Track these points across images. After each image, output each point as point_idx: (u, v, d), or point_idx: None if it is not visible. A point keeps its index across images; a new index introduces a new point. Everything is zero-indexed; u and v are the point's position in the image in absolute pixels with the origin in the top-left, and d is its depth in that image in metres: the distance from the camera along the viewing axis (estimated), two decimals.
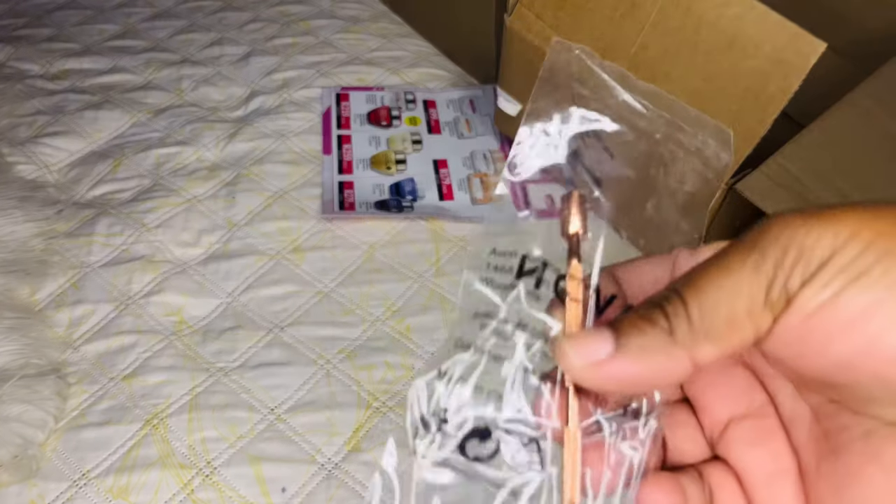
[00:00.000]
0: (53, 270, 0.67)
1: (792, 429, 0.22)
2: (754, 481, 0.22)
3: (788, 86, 0.51)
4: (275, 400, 0.58)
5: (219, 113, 0.84)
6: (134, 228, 0.71)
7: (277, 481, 0.54)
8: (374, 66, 0.89)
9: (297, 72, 0.88)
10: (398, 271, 0.68)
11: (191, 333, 0.63)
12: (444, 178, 0.77)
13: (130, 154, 0.79)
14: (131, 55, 0.92)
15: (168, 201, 0.73)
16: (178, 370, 0.60)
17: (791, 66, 0.50)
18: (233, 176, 0.76)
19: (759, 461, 0.22)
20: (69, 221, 0.71)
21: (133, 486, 0.53)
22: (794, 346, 0.19)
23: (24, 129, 0.81)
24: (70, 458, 0.55)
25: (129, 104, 0.85)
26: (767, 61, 0.52)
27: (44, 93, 0.86)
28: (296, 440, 0.56)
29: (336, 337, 0.63)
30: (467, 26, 0.86)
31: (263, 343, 0.62)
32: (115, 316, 0.64)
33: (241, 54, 0.92)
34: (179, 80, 0.89)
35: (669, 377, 0.20)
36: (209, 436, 0.56)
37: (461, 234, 0.71)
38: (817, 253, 0.19)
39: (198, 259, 0.69)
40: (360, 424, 0.57)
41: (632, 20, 0.58)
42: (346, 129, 0.82)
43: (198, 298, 0.65)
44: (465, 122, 0.83)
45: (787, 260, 0.19)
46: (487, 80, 0.88)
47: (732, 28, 0.53)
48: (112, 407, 0.58)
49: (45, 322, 0.63)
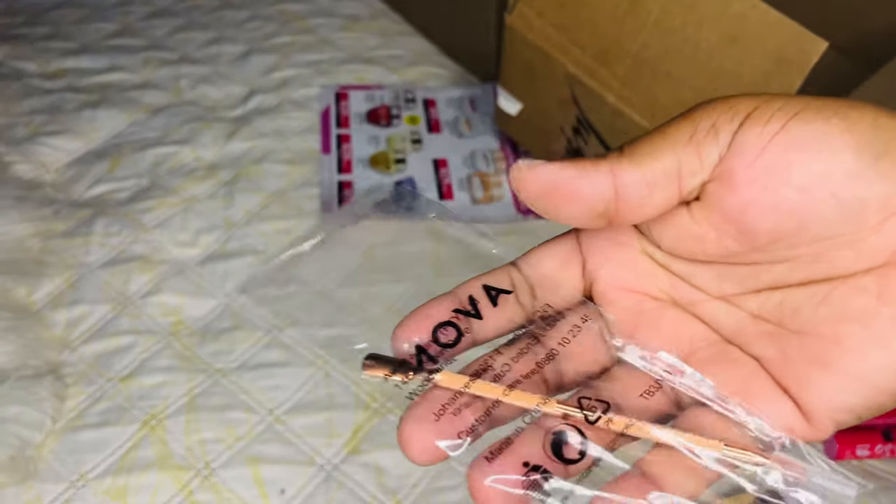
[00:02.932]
0: (50, 270, 0.67)
1: (740, 340, 0.23)
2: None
3: (790, 84, 0.50)
4: (273, 401, 0.58)
5: (217, 112, 0.84)
6: (131, 228, 0.70)
7: (276, 483, 0.54)
8: (374, 65, 0.89)
9: (296, 70, 0.88)
10: (398, 271, 0.68)
11: (189, 334, 0.62)
12: (444, 177, 0.76)
13: (128, 153, 0.78)
14: (129, 54, 0.92)
15: (166, 201, 0.73)
16: (176, 371, 0.60)
17: (792, 65, 0.50)
18: (231, 175, 0.76)
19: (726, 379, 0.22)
20: (66, 221, 0.71)
21: (131, 488, 0.53)
22: (743, 191, 0.20)
23: (20, 128, 0.81)
24: (67, 460, 0.54)
25: (127, 103, 0.85)
26: (769, 60, 0.51)
27: (41, 91, 0.86)
28: (295, 442, 0.56)
29: (335, 337, 0.62)
30: (467, 24, 0.85)
31: (262, 344, 0.62)
32: (113, 317, 0.64)
33: (240, 53, 0.91)
34: (177, 79, 0.88)
35: (591, 188, 0.21)
36: (207, 437, 0.56)
37: (461, 233, 0.71)
38: (745, 104, 0.20)
39: (196, 259, 0.68)
40: (359, 426, 0.57)
41: (634, 18, 0.57)
42: (345, 129, 0.81)
43: (196, 299, 0.65)
44: (464, 121, 0.83)
45: (720, 118, 0.20)
46: (487, 78, 0.87)
47: (734, 26, 0.52)
48: (110, 408, 0.57)
49: (42, 322, 0.63)
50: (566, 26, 0.63)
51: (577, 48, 0.62)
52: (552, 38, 0.64)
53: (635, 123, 0.59)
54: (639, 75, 0.58)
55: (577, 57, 0.62)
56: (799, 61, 0.50)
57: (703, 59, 0.55)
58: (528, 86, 0.71)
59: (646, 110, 0.58)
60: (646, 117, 0.58)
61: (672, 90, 0.57)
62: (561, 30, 0.63)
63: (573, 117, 0.66)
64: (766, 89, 0.52)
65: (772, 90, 0.51)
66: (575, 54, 0.62)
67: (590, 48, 0.61)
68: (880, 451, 0.54)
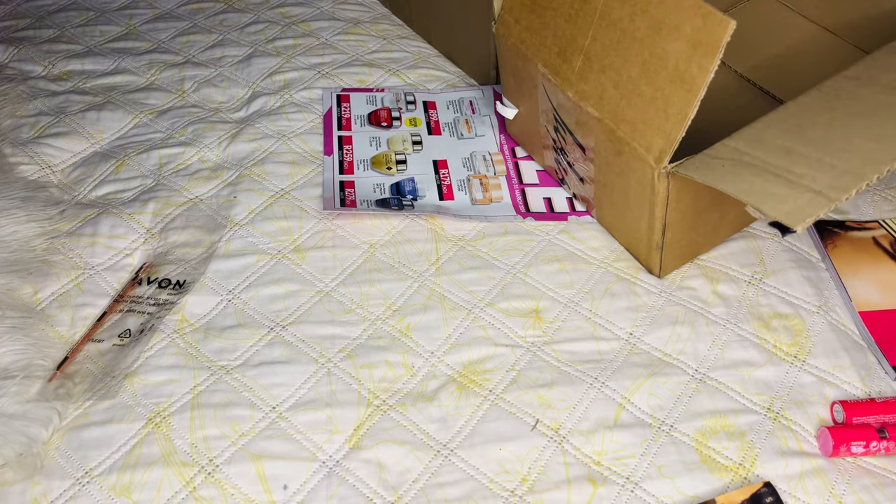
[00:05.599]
0: (56, 270, 0.67)
1: None
2: None
3: (707, 65, 0.53)
4: (276, 398, 0.59)
5: (220, 114, 0.85)
6: (135, 229, 0.71)
7: (279, 479, 0.54)
8: (375, 68, 0.90)
9: (298, 73, 0.89)
10: (398, 270, 0.68)
11: (192, 332, 0.63)
12: (445, 178, 0.77)
13: (133, 154, 0.79)
14: (133, 56, 0.93)
15: (170, 201, 0.74)
16: (180, 369, 0.61)
17: (707, 46, 0.53)
18: (234, 176, 0.77)
19: None
20: (72, 221, 0.72)
21: (135, 485, 0.54)
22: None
23: (26, 129, 0.82)
24: (73, 457, 0.55)
25: (132, 105, 0.86)
26: (687, 43, 0.54)
27: (46, 94, 0.87)
28: (297, 438, 0.56)
29: (337, 336, 0.63)
30: (467, 28, 0.86)
31: (265, 342, 0.63)
32: (119, 316, 0.64)
33: (243, 55, 0.92)
34: (181, 82, 0.89)
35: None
36: (211, 434, 0.57)
37: (461, 233, 0.72)
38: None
39: (199, 258, 0.69)
40: (360, 422, 0.57)
41: (584, 15, 0.61)
42: (346, 130, 0.82)
43: (199, 297, 0.66)
44: (464, 122, 0.84)
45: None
46: (487, 81, 0.88)
47: (659, 13, 0.55)
48: (114, 405, 0.58)
49: (47, 321, 0.64)
50: (535, 28, 0.66)
51: (544, 48, 0.65)
52: (526, 41, 0.67)
53: (591, 116, 0.62)
54: (590, 68, 0.61)
55: (545, 56, 0.65)
56: (711, 42, 0.52)
57: (637, 49, 0.57)
58: (517, 89, 0.74)
59: (597, 102, 0.61)
60: (597, 109, 0.61)
61: (615, 80, 0.59)
62: (532, 32, 0.66)
63: (551, 116, 0.69)
64: (688, 71, 0.54)
65: (692, 72, 0.54)
66: (543, 54, 0.65)
67: (554, 46, 0.64)
68: (875, 448, 0.54)
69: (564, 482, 0.54)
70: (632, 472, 0.55)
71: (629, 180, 0.62)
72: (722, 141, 0.56)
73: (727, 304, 0.65)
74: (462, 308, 0.65)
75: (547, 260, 0.69)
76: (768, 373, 0.60)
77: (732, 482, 0.54)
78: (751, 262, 0.68)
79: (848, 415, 0.56)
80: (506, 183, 0.77)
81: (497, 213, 0.73)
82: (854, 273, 0.66)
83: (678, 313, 0.64)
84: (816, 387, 0.59)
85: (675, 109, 0.55)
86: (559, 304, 0.65)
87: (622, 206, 0.66)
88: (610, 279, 0.67)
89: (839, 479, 0.54)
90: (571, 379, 0.60)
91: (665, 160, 0.56)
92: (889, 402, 0.57)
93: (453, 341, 0.63)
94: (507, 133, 0.82)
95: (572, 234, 0.71)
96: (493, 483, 0.54)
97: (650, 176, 0.58)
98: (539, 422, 0.57)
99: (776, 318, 0.64)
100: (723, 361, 0.61)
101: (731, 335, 0.63)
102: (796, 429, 0.57)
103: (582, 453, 0.56)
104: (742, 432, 0.57)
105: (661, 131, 0.56)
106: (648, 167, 0.58)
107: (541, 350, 0.62)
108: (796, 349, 0.62)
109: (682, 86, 0.54)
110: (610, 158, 0.63)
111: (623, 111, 0.59)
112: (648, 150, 0.57)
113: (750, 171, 0.53)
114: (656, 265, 0.66)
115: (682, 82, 0.54)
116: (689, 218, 0.63)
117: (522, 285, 0.67)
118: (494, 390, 0.59)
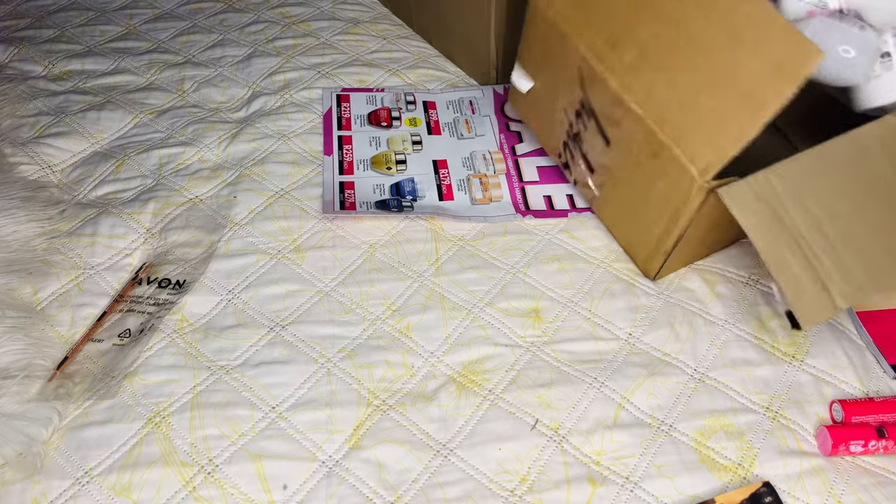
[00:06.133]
0: (56, 270, 0.67)
1: None
2: None
3: (786, 91, 0.51)
4: (276, 398, 0.59)
5: (220, 114, 0.85)
6: (135, 228, 0.71)
7: (279, 479, 0.54)
8: (375, 68, 0.90)
9: (298, 73, 0.89)
10: (398, 271, 0.68)
11: (192, 332, 0.63)
12: (444, 178, 0.77)
13: (133, 154, 0.79)
14: (133, 56, 0.93)
15: (170, 201, 0.74)
16: (180, 368, 0.61)
17: (790, 73, 0.50)
18: (234, 176, 0.77)
19: None
20: (71, 221, 0.72)
21: (135, 484, 0.54)
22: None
23: (26, 129, 0.82)
24: (73, 456, 0.55)
25: (132, 105, 0.86)
26: (767, 64, 0.52)
27: (46, 93, 0.87)
28: (297, 438, 0.57)
29: (337, 335, 0.63)
30: (467, 28, 0.86)
31: (265, 341, 0.63)
32: (119, 316, 0.64)
33: (243, 55, 0.92)
34: (181, 81, 0.89)
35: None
36: (211, 433, 0.57)
37: (460, 233, 0.72)
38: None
39: (199, 258, 0.69)
40: (360, 422, 0.57)
41: (649, 7, 0.58)
42: (346, 130, 0.82)
43: (199, 296, 0.66)
44: (464, 122, 0.84)
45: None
46: (487, 81, 0.88)
47: (742, 28, 0.53)
48: (114, 405, 0.58)
49: (47, 321, 0.64)
50: (584, 6, 0.63)
51: (591, 31, 0.62)
52: (569, 19, 0.64)
53: (631, 112, 0.60)
54: (643, 64, 0.59)
55: (590, 39, 0.62)
56: (794, 70, 0.50)
57: (704, 57, 0.55)
58: (542, 64, 0.71)
59: (642, 99, 0.59)
60: (642, 107, 0.59)
61: (669, 82, 0.57)
62: (578, 10, 0.63)
63: (577, 100, 0.66)
64: (758, 94, 0.52)
65: (765, 96, 0.52)
66: (588, 36, 0.62)
67: (603, 32, 0.61)
68: (874, 447, 0.54)
69: (564, 482, 0.54)
70: (631, 471, 0.55)
71: (657, 183, 0.60)
72: (764, 172, 0.54)
73: (725, 305, 0.65)
74: (462, 308, 0.65)
75: (546, 260, 0.69)
76: (767, 372, 0.60)
77: (731, 482, 0.54)
78: (747, 265, 0.68)
79: (847, 414, 0.56)
80: (506, 181, 0.77)
81: (497, 213, 0.73)
82: None
83: (677, 314, 0.64)
84: (815, 386, 0.60)
85: (736, 127, 0.53)
86: (559, 304, 0.65)
87: (635, 206, 0.65)
88: (609, 279, 0.67)
89: (838, 479, 0.54)
90: (571, 379, 0.60)
91: (710, 174, 0.55)
92: (888, 401, 0.57)
93: (453, 341, 0.63)
94: (507, 133, 0.82)
95: (572, 233, 0.71)
96: (492, 483, 0.54)
97: (687, 186, 0.56)
98: (538, 421, 0.57)
99: (774, 319, 0.64)
100: (721, 361, 0.61)
101: (729, 335, 0.63)
102: (795, 428, 0.57)
103: (581, 453, 0.56)
104: (741, 432, 0.57)
105: (714, 145, 0.54)
106: (688, 177, 0.56)
107: (540, 350, 0.62)
108: (794, 349, 0.62)
109: (749, 106, 0.52)
110: (642, 158, 0.61)
111: (672, 115, 0.57)
112: (692, 161, 0.56)
113: (784, 237, 0.52)
114: (654, 269, 0.66)
115: (751, 102, 0.52)
116: (704, 232, 0.62)
117: (522, 285, 0.67)
118: (494, 390, 0.59)
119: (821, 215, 0.53)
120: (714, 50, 0.55)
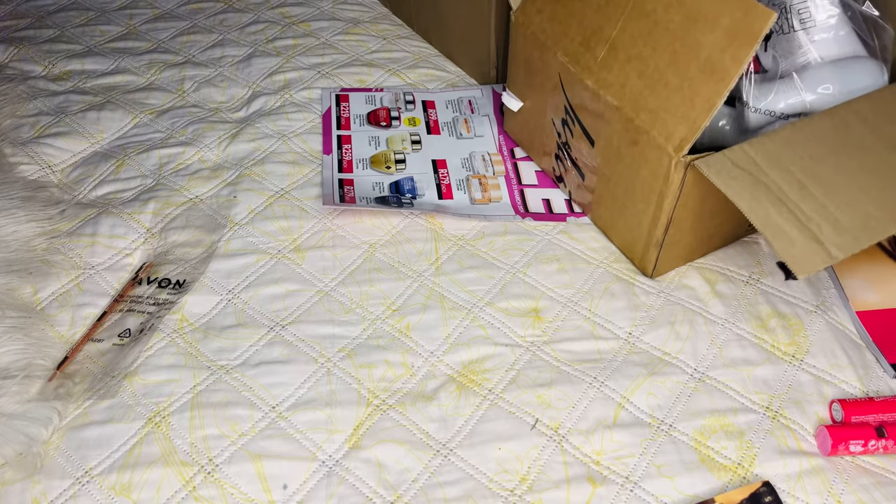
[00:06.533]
0: (56, 270, 0.67)
1: None
2: None
3: (743, 56, 0.54)
4: (276, 398, 0.59)
5: (220, 113, 0.85)
6: (136, 228, 0.71)
7: (279, 478, 0.54)
8: (375, 68, 0.90)
9: (299, 73, 0.89)
10: (398, 270, 0.68)
11: (192, 331, 0.63)
12: (444, 177, 0.77)
13: (133, 154, 0.79)
14: (133, 56, 0.93)
15: (170, 201, 0.74)
16: (180, 368, 0.61)
17: (745, 38, 0.54)
18: (234, 176, 0.77)
19: None
20: (71, 221, 0.72)
21: (135, 484, 0.54)
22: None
23: (26, 129, 0.82)
24: (73, 456, 0.55)
25: (132, 105, 0.86)
26: (724, 34, 0.55)
27: (46, 93, 0.87)
28: (297, 438, 0.57)
29: (336, 335, 0.63)
30: (467, 28, 0.86)
31: (264, 341, 0.63)
32: (119, 316, 0.64)
33: (243, 55, 0.92)
34: (181, 81, 0.89)
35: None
36: (211, 433, 0.57)
37: (460, 233, 0.72)
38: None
39: (199, 258, 0.69)
40: (360, 422, 0.58)
41: (615, 6, 0.62)
42: (346, 130, 0.82)
43: (199, 296, 0.66)
44: (463, 122, 0.84)
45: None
46: (487, 80, 0.88)
47: (697, 5, 0.57)
48: (114, 405, 0.58)
49: (47, 321, 0.64)
50: (559, 18, 0.67)
51: (567, 38, 0.66)
52: (547, 30, 0.68)
53: (609, 104, 0.62)
54: (614, 58, 0.62)
55: (566, 46, 0.66)
56: (749, 34, 0.54)
57: (668, 39, 0.59)
58: (527, 81, 0.74)
59: (618, 91, 0.62)
60: (617, 98, 0.62)
61: (640, 70, 0.60)
62: (555, 22, 0.67)
63: (561, 106, 0.69)
64: (719, 64, 0.55)
65: (725, 63, 0.55)
66: (564, 44, 0.66)
67: (577, 36, 0.65)
68: (873, 447, 0.54)
69: (564, 481, 0.54)
70: (631, 471, 0.55)
71: (640, 171, 0.62)
72: (740, 145, 0.57)
73: (725, 304, 0.65)
74: (461, 308, 0.65)
75: (546, 260, 0.69)
76: (767, 372, 0.60)
77: (731, 481, 0.54)
78: (748, 263, 0.68)
79: (847, 413, 0.56)
80: (505, 183, 0.77)
81: (496, 213, 0.73)
82: (851, 273, 0.66)
83: (677, 313, 0.64)
84: (815, 386, 0.60)
85: (703, 98, 0.56)
86: (558, 304, 0.65)
87: (624, 201, 0.66)
88: (609, 279, 0.67)
89: (837, 479, 0.54)
90: (571, 378, 0.60)
91: (685, 148, 0.57)
92: (888, 401, 0.57)
93: (453, 341, 0.63)
94: (505, 134, 0.82)
95: (571, 234, 0.71)
96: (492, 482, 0.54)
97: (666, 165, 0.59)
98: (538, 421, 0.57)
99: (774, 318, 0.64)
100: (721, 361, 0.61)
101: (729, 334, 0.63)
102: (795, 428, 0.57)
103: (581, 453, 0.56)
104: (741, 431, 0.57)
105: (686, 119, 0.57)
106: (666, 156, 0.58)
107: (540, 350, 0.62)
108: (794, 348, 0.62)
109: (712, 76, 0.56)
110: (622, 149, 0.63)
111: (645, 100, 0.60)
112: (668, 139, 0.58)
113: (767, 197, 0.54)
114: (651, 263, 0.66)
115: (713, 72, 0.55)
116: (692, 218, 0.63)
117: (522, 285, 0.67)
118: (494, 390, 0.59)
119: (805, 179, 0.55)
120: (676, 31, 0.58)
